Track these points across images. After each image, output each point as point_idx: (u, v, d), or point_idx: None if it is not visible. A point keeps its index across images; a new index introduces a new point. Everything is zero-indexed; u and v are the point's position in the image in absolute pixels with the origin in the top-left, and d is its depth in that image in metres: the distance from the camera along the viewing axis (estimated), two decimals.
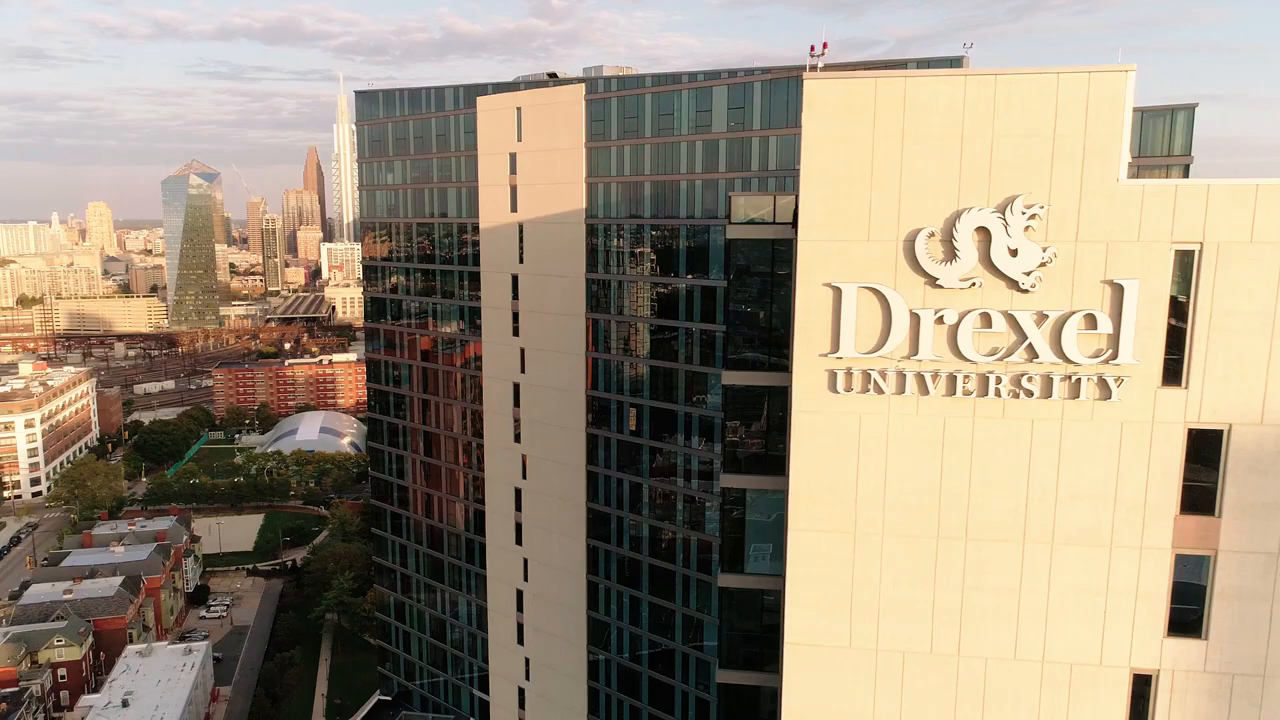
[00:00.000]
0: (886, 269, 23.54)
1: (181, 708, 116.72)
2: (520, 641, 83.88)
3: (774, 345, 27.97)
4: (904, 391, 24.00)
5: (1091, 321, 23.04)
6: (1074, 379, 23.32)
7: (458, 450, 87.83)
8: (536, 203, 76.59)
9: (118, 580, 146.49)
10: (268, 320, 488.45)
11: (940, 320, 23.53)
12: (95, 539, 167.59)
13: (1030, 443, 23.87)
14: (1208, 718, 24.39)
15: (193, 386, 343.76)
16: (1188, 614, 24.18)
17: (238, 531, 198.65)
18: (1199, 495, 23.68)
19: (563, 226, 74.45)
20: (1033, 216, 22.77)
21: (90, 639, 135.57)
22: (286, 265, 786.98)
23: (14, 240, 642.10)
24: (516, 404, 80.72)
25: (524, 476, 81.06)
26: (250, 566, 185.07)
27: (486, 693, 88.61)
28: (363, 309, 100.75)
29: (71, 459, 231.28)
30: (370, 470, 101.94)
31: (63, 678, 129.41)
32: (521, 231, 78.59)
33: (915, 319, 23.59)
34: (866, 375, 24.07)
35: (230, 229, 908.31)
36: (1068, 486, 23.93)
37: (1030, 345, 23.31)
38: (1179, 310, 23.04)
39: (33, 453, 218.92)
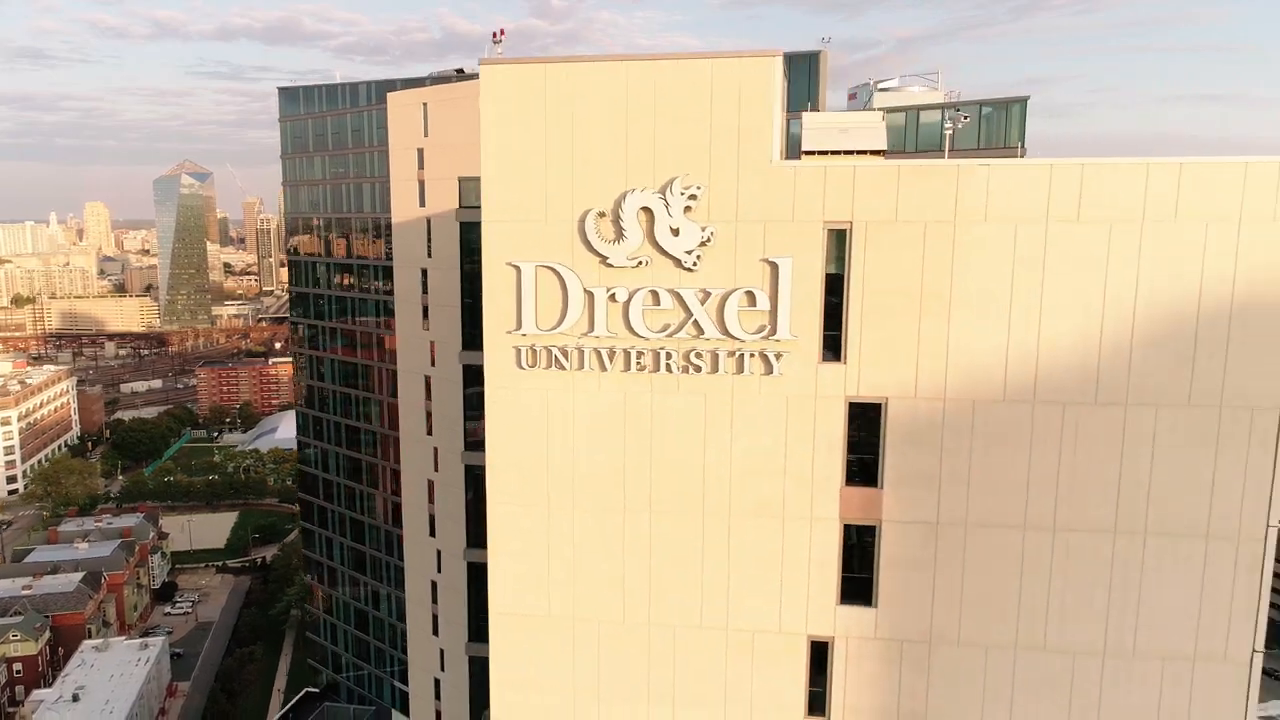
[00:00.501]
0: (563, 249, 24.38)
1: (131, 702, 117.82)
2: (435, 633, 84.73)
3: None
4: (584, 367, 24.83)
5: (751, 299, 23.84)
6: (738, 355, 24.12)
7: (376, 443, 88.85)
8: (444, 197, 77.47)
9: (78, 576, 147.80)
10: (259, 320, 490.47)
11: (613, 298, 24.35)
12: (61, 535, 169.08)
13: (704, 417, 24.68)
14: (880, 683, 25.16)
15: (179, 385, 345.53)
16: (859, 583, 24.95)
17: (211, 529, 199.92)
18: (862, 467, 24.46)
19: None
20: (691, 197, 23.57)
21: (47, 634, 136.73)
22: (283, 265, 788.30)
23: (11, 240, 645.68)
24: (428, 397, 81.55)
25: (435, 469, 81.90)
26: (220, 564, 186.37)
27: (407, 684, 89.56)
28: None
29: (50, 457, 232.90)
30: (299, 464, 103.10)
31: (18, 672, 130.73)
32: (429, 226, 79.47)
33: (590, 296, 24.42)
34: (549, 352, 24.91)
35: (228, 229, 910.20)
36: (740, 459, 24.73)
37: (696, 322, 24.12)
38: (838, 288, 23.81)
39: (9, 450, 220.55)
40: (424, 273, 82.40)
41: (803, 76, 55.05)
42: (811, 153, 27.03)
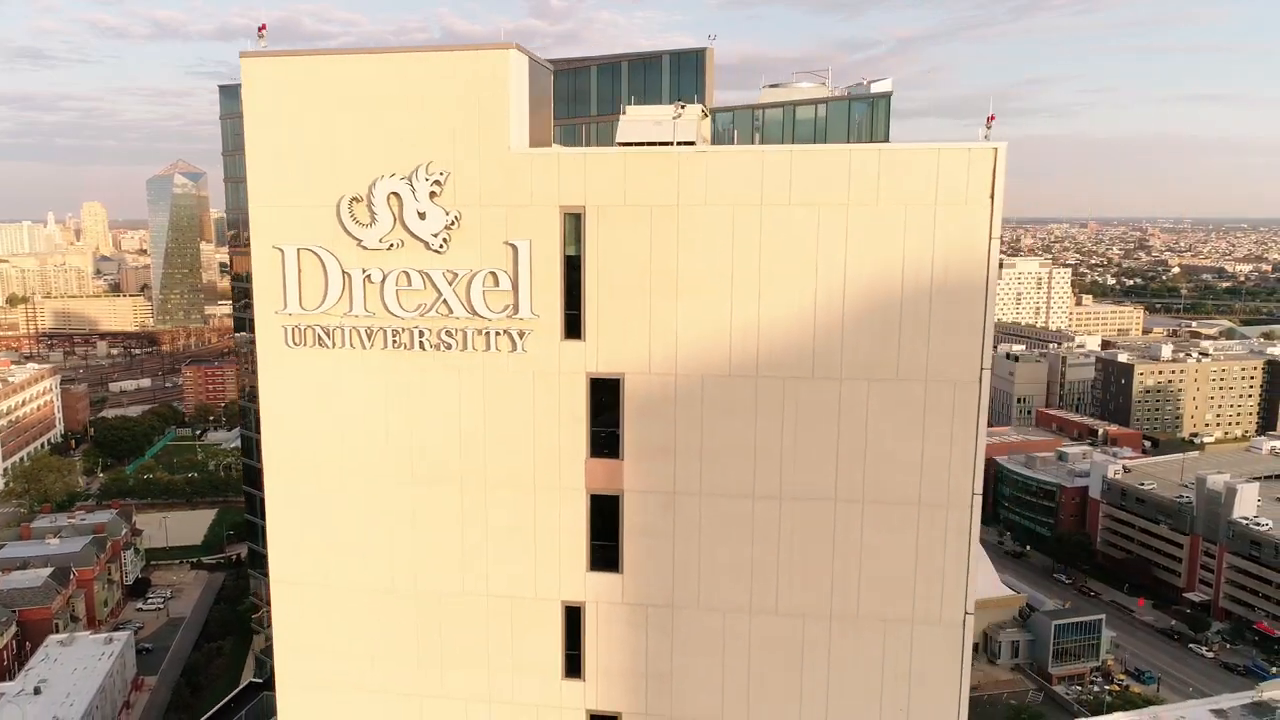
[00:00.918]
0: (323, 232, 25.69)
1: (92, 695, 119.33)
2: None
3: None
4: (347, 345, 26.14)
5: (495, 279, 25.15)
6: (486, 333, 25.43)
7: None
8: None
9: (46, 572, 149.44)
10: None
11: (369, 279, 25.67)
12: (34, 532, 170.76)
13: (459, 392, 25.98)
14: (629, 645, 26.42)
15: (168, 384, 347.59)
16: (606, 550, 26.22)
17: (188, 526, 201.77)
18: (605, 439, 25.73)
19: None
20: (436, 183, 24.89)
21: (13, 628, 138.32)
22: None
23: (9, 240, 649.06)
24: None
25: None
26: (195, 560, 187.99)
27: None
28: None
29: (32, 455, 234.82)
30: (242, 458, 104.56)
31: None
32: None
33: (349, 278, 25.73)
34: (314, 331, 26.23)
35: (225, 228, 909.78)
36: (493, 432, 26.02)
37: (446, 301, 25.43)
38: (577, 268, 25.11)
39: None
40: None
41: (691, 73, 56.40)
42: (628, 144, 28.33)
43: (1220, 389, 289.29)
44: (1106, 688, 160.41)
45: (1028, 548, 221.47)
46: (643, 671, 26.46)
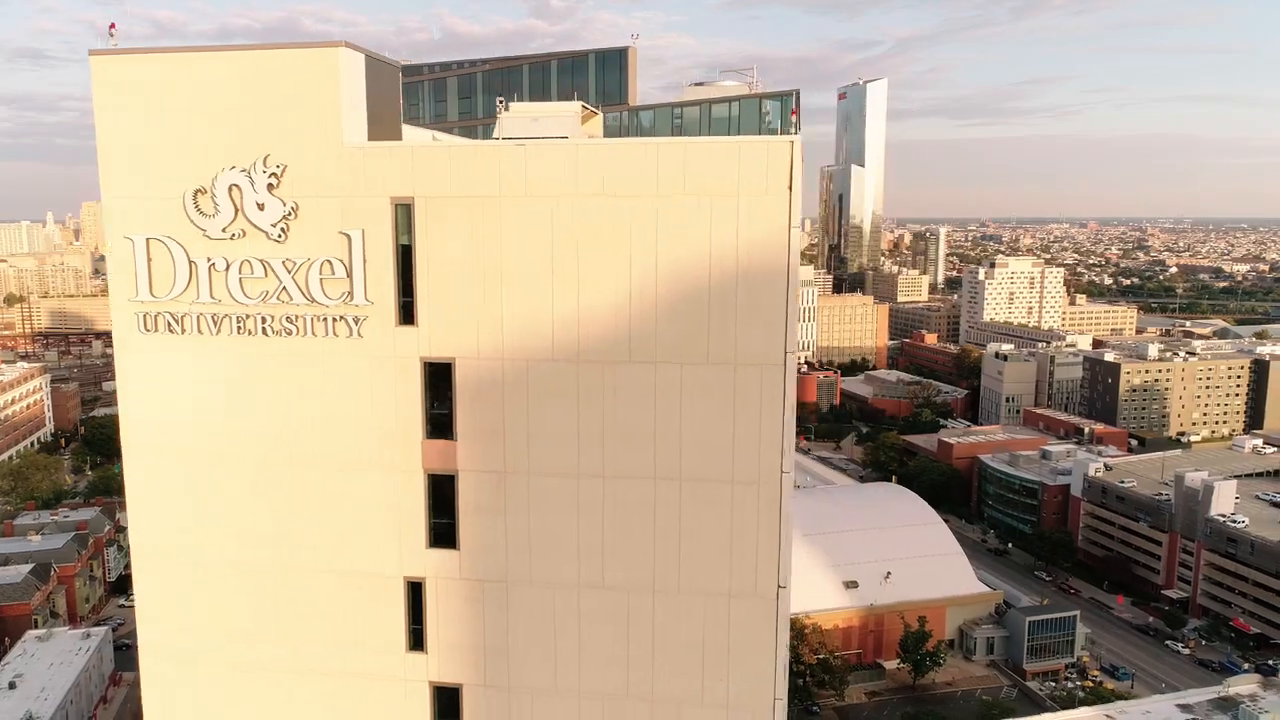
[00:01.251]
0: (171, 222, 26.85)
1: (66, 690, 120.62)
2: None
3: None
4: (196, 332, 27.29)
5: (331, 268, 26.28)
6: (325, 319, 26.57)
7: None
8: None
9: (27, 568, 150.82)
10: None
11: (215, 267, 26.81)
12: (16, 529, 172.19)
13: (303, 376, 27.11)
14: (467, 620, 27.54)
15: None
16: (444, 528, 27.35)
17: None
18: (440, 421, 26.86)
19: None
20: (273, 175, 26.04)
21: None
22: None
23: (8, 240, 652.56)
24: None
25: None
26: None
27: None
28: None
29: (22, 453, 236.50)
30: None
31: None
32: None
33: (195, 266, 26.88)
34: (165, 317, 27.37)
35: None
36: (337, 415, 27.16)
37: (286, 289, 26.56)
38: (409, 257, 26.25)
39: None
40: None
41: (615, 71, 57.47)
42: (508, 139, 29.45)
43: (1207, 388, 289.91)
44: (1080, 684, 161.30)
45: (1010, 545, 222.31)
46: (481, 644, 27.57)
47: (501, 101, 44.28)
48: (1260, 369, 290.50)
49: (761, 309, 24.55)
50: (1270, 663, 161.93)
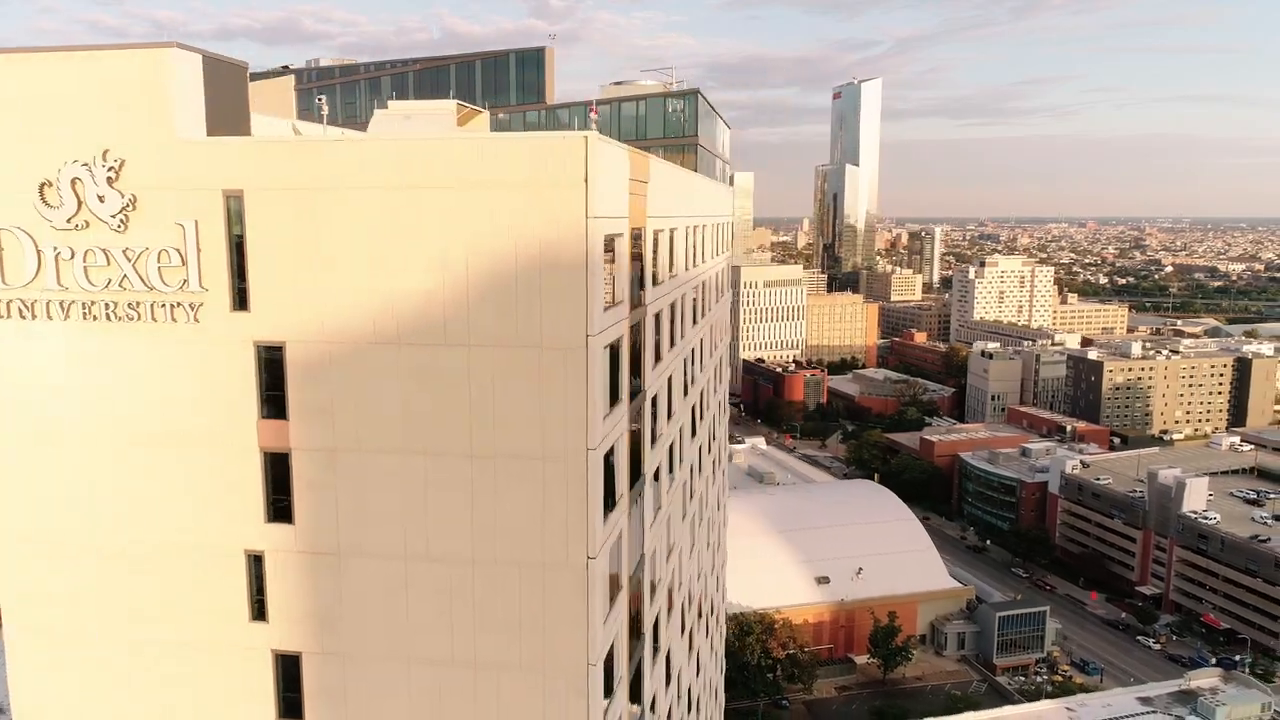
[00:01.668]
0: (21, 213, 28.37)
1: None
2: None
3: None
4: (47, 318, 28.81)
5: (169, 256, 27.80)
6: (166, 305, 28.08)
7: None
8: None
9: None
10: None
11: (62, 256, 28.32)
12: None
13: (147, 361, 28.61)
14: (304, 590, 29.05)
15: None
16: (281, 503, 28.86)
17: None
18: (274, 401, 28.37)
19: None
20: (112, 169, 27.55)
21: None
22: None
23: None
24: None
25: None
26: None
27: None
28: None
29: None
30: None
31: None
32: None
33: (43, 255, 28.41)
34: (17, 304, 28.89)
35: None
36: (181, 397, 28.66)
37: (128, 277, 28.07)
38: (242, 245, 27.77)
39: None
40: None
41: (533, 70, 59.00)
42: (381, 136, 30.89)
43: (1190, 386, 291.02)
44: (1050, 678, 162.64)
45: (988, 542, 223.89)
46: (318, 614, 29.07)
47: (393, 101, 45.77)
48: (1243, 367, 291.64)
49: (563, 296, 26.00)
50: (1237, 657, 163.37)
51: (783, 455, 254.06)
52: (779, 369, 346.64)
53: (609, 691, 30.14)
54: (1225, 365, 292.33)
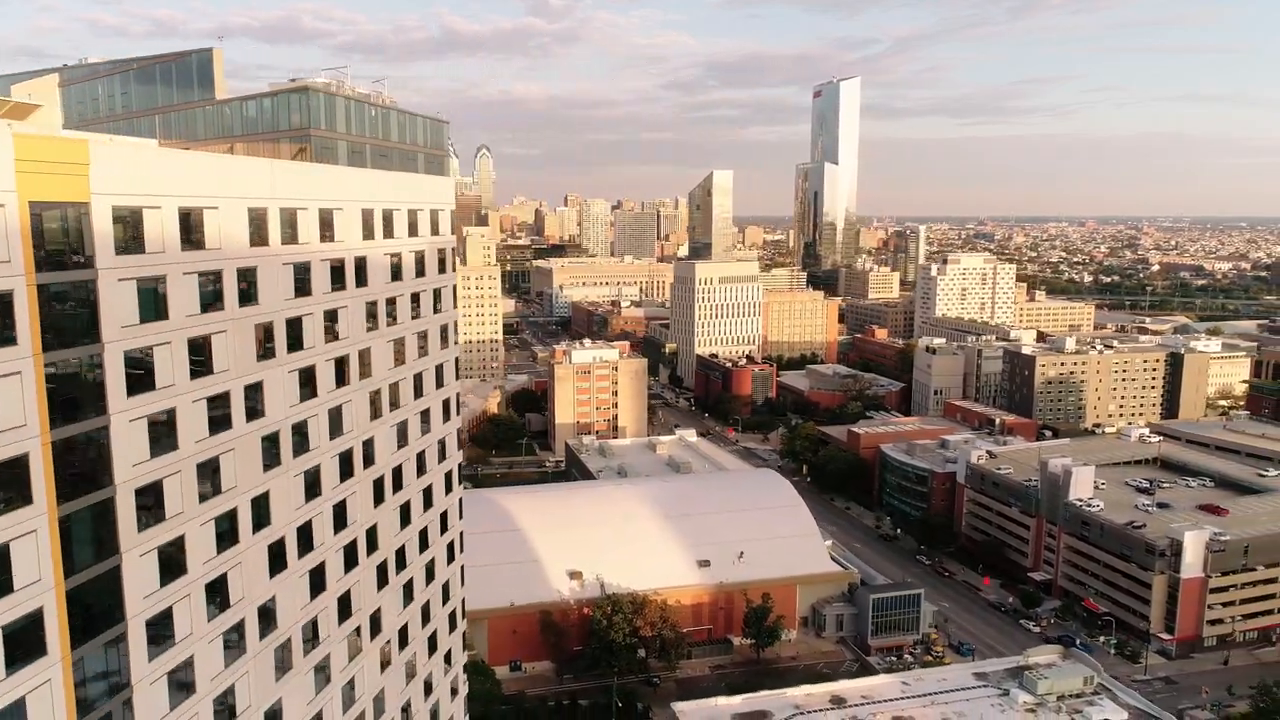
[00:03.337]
0: None
1: None
2: None
3: None
4: None
5: None
6: None
7: None
8: None
9: None
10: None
11: None
12: None
13: None
14: None
15: None
16: None
17: None
18: None
19: None
20: None
21: None
22: None
23: None
24: None
25: None
26: None
27: None
28: None
29: None
30: None
31: None
32: None
33: None
34: None
35: None
36: None
37: None
38: None
39: None
40: None
41: (206, 70, 64.71)
42: None
43: (1123, 380, 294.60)
44: (921, 658, 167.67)
45: (899, 531, 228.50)
46: None
47: None
48: (1176, 362, 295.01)
49: None
50: (1102, 639, 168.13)
51: (710, 447, 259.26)
52: (729, 364, 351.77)
53: None
54: (1158, 360, 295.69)
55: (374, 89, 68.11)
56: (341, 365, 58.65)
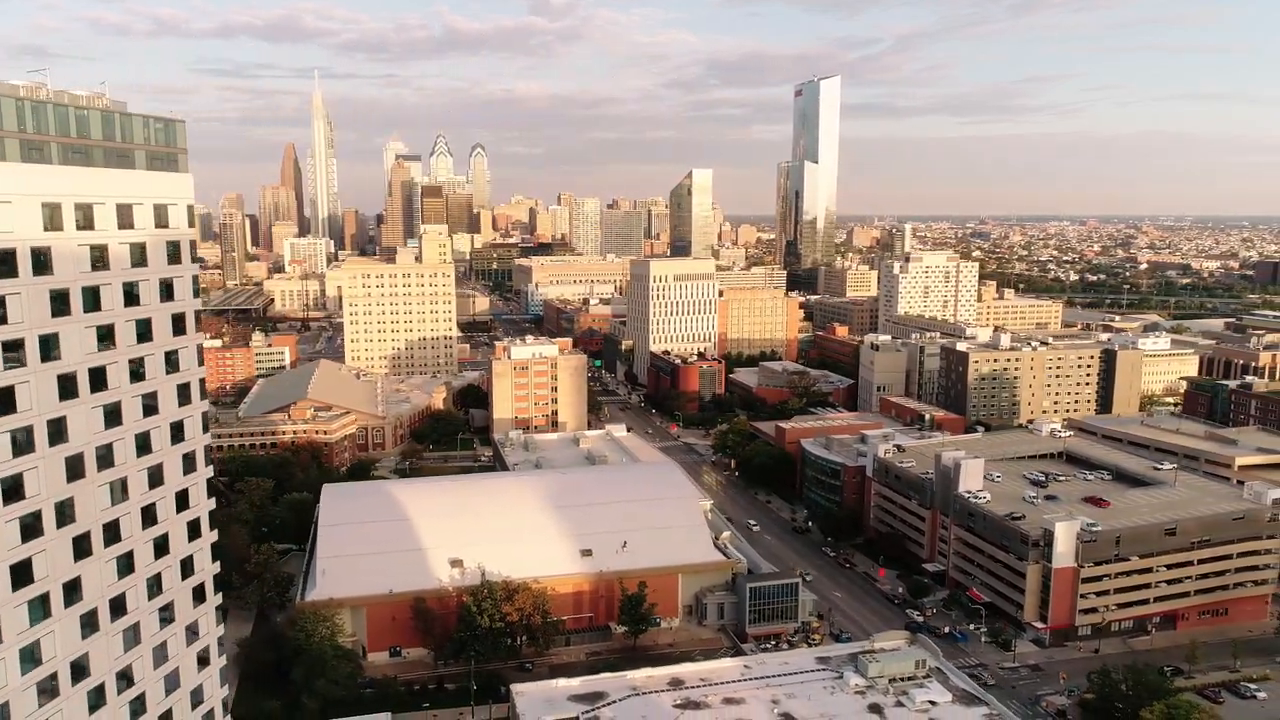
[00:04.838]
0: None
1: None
2: None
3: None
4: None
5: None
6: None
7: None
8: None
9: None
10: (199, 313, 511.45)
11: None
12: None
13: None
14: None
15: None
16: None
17: None
18: None
19: None
20: None
21: None
22: (255, 259, 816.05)
23: None
24: None
25: None
26: None
27: None
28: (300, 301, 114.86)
29: None
30: None
31: None
32: None
33: None
34: None
35: (211, 224, 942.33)
36: None
37: None
38: None
39: None
40: None
41: None
42: None
43: (1057, 377, 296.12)
44: (799, 646, 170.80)
45: (811, 524, 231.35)
46: None
47: None
48: (1109, 359, 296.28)
49: None
50: (973, 625, 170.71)
51: (637, 442, 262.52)
52: (679, 360, 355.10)
53: None
54: (1093, 357, 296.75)
55: (94, 90, 72.07)
56: (15, 347, 62.84)
